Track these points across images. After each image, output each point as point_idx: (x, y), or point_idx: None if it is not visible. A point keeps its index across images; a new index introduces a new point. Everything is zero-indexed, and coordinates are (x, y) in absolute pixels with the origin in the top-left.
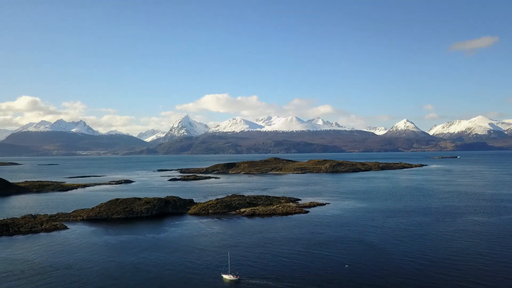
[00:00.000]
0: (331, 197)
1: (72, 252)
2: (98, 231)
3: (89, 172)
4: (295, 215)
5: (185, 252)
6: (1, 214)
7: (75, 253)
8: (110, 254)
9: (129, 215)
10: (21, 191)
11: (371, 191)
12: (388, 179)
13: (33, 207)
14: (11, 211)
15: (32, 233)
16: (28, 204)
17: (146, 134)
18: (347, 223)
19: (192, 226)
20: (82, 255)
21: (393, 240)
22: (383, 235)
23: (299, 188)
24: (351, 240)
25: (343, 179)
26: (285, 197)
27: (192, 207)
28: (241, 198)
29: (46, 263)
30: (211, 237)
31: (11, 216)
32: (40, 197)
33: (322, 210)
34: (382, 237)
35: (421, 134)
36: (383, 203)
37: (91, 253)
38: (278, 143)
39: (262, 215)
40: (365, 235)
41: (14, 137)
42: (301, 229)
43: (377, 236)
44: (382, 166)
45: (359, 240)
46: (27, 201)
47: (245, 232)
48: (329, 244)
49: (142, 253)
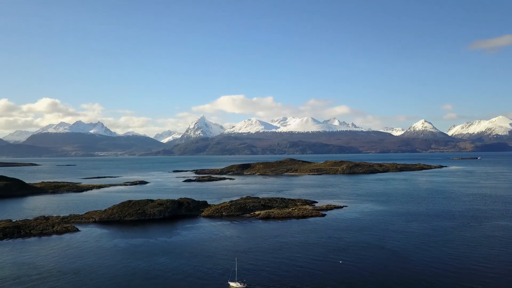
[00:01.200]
0: (348, 199)
1: (82, 256)
2: (109, 234)
3: (106, 173)
4: (312, 219)
5: (196, 257)
6: (15, 215)
7: (84, 257)
8: (120, 259)
9: (141, 217)
10: (37, 192)
11: (390, 193)
12: (407, 181)
13: (46, 208)
14: (25, 212)
15: (43, 235)
16: (42, 205)
17: (162, 135)
18: (366, 227)
19: (205, 229)
20: (91, 259)
21: (416, 247)
22: (404, 240)
23: (315, 190)
24: (371, 246)
25: (361, 180)
26: (301, 200)
27: (206, 209)
28: (255, 200)
29: (54, 267)
30: (224, 242)
31: (24, 217)
32: (54, 198)
33: (340, 213)
34: (404, 243)
35: (440, 134)
36: (403, 206)
37: (100, 257)
38: (293, 144)
39: (277, 218)
40: (385, 240)
41: (35, 138)
42: (318, 234)
43: (398, 241)
44: (400, 168)
45: (379, 246)
46: (42, 202)
47: (259, 237)
48: (348, 251)
49: (152, 258)
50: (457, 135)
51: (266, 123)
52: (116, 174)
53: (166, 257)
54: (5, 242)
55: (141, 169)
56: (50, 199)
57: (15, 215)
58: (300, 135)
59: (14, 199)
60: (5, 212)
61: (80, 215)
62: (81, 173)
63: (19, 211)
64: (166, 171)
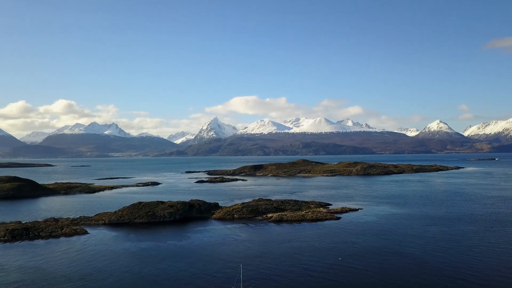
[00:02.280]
0: (363, 201)
1: (89, 261)
2: (118, 237)
3: (119, 173)
4: (326, 222)
5: (205, 263)
6: (25, 216)
7: (91, 261)
8: (128, 264)
9: (151, 220)
10: (49, 193)
11: (406, 195)
12: (423, 183)
13: (57, 209)
14: (36, 214)
15: (52, 238)
16: (53, 207)
17: (176, 136)
18: (383, 231)
19: (216, 232)
20: (98, 264)
21: (437, 253)
22: (424, 246)
23: (329, 191)
24: (389, 252)
25: (376, 182)
26: (314, 202)
27: (217, 212)
28: (268, 202)
29: (60, 272)
30: (234, 246)
31: (34, 218)
32: (66, 199)
33: (355, 216)
34: (424, 248)
35: (455, 135)
36: (421, 209)
37: (108, 262)
38: (306, 144)
39: (290, 221)
40: (404, 245)
41: (51, 139)
42: (333, 238)
43: (418, 247)
44: (416, 169)
45: (398, 251)
46: (53, 203)
47: (271, 241)
48: (365, 256)
49: (160, 263)
50: (473, 136)
51: (279, 124)
52: (129, 175)
53: (175, 262)
54: (14, 244)
55: (154, 170)
56: (61, 200)
57: (25, 216)
58: (313, 135)
59: (26, 200)
60: (16, 213)
61: (90, 217)
62: (95, 174)
63: (30, 212)
64: (178, 172)
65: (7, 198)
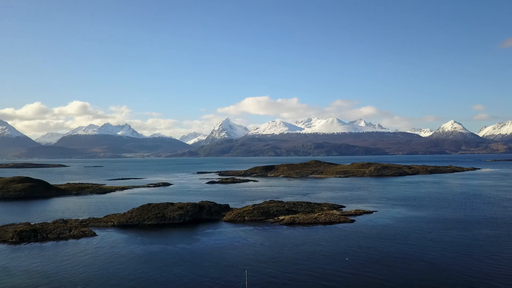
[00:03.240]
0: (378, 204)
1: (95, 264)
2: (127, 239)
3: (131, 174)
4: (340, 225)
5: (212, 267)
6: (35, 217)
7: (98, 265)
8: (135, 268)
9: (161, 222)
10: (61, 194)
11: (422, 197)
12: (439, 184)
13: (67, 210)
14: (45, 215)
15: (60, 239)
16: (64, 207)
17: (188, 137)
18: (400, 235)
19: (226, 235)
20: (105, 268)
21: (457, 259)
22: (445, 251)
23: (343, 193)
24: (408, 257)
25: (390, 183)
26: (327, 204)
27: (228, 213)
28: (279, 204)
29: (65, 277)
30: (243, 250)
31: (44, 219)
32: (77, 199)
33: (370, 219)
34: (445, 254)
35: (470, 135)
36: (438, 211)
37: (115, 265)
38: (318, 145)
39: (302, 224)
40: (424, 251)
41: (65, 140)
42: (348, 242)
43: (439, 252)
44: (431, 170)
45: (417, 257)
46: (64, 204)
47: (282, 245)
48: (382, 262)
49: (168, 268)
50: (488, 136)
51: (291, 125)
52: (140, 176)
53: (182, 266)
54: (21, 246)
55: (165, 170)
56: (72, 201)
57: (35, 217)
58: (325, 136)
59: (38, 200)
60: (26, 214)
61: (99, 218)
62: (107, 174)
63: (40, 213)
64: (190, 173)
65: (19, 199)
